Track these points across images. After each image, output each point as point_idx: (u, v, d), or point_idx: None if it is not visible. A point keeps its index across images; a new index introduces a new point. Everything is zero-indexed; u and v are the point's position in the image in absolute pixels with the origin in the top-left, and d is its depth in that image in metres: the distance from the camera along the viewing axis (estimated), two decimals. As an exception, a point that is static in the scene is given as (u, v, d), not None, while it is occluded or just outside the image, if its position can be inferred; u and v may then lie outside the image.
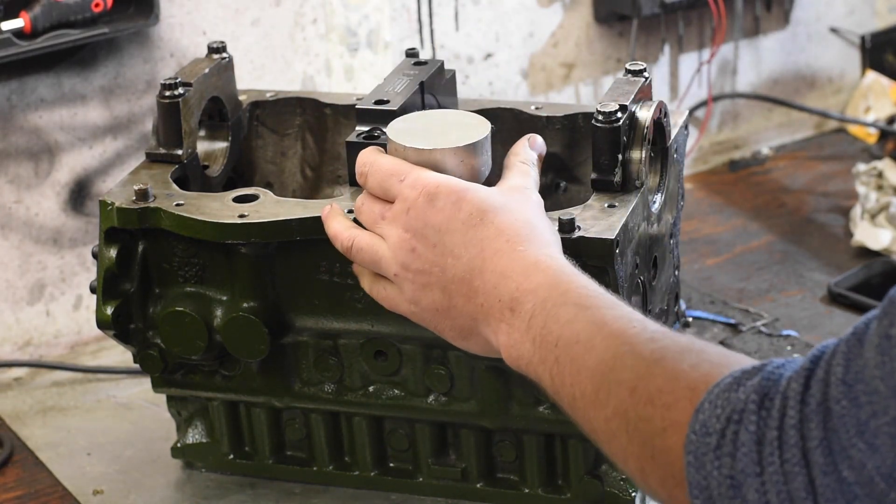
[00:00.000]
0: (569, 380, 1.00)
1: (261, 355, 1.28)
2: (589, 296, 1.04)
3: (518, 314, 1.06)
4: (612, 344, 0.98)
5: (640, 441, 0.93)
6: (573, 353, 1.00)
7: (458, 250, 1.10)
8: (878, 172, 1.84)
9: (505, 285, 1.07)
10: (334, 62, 1.77)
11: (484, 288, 1.09)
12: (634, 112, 1.24)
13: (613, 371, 0.96)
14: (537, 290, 1.05)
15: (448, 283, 1.11)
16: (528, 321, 1.05)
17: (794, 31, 2.13)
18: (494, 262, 1.08)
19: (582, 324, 1.01)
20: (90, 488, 1.39)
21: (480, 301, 1.09)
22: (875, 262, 1.75)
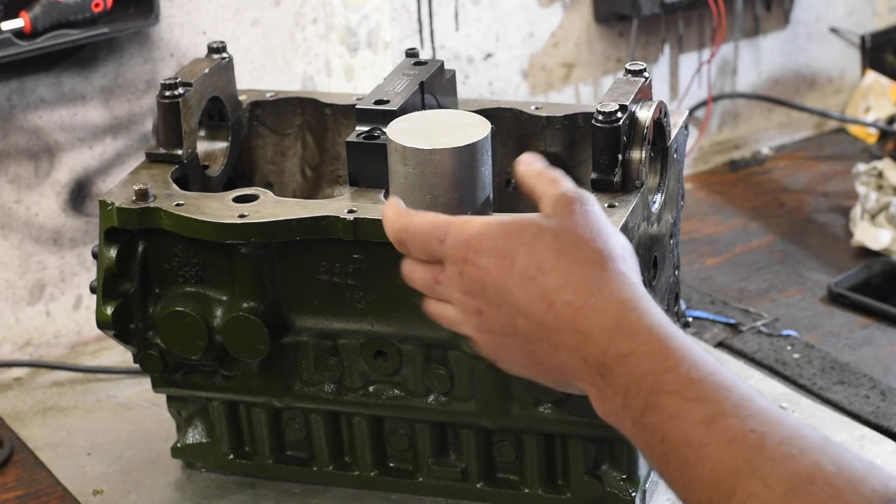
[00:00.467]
0: (680, 483, 0.89)
1: (261, 355, 1.28)
2: (691, 380, 0.90)
3: (610, 384, 0.94)
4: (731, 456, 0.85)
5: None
6: (683, 457, 0.88)
7: (525, 307, 0.98)
8: (878, 172, 1.84)
9: (588, 348, 0.95)
10: (334, 62, 1.77)
11: (565, 346, 0.97)
12: (634, 112, 1.24)
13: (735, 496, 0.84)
14: (627, 361, 0.93)
15: (525, 343, 1.00)
16: (624, 398, 0.93)
17: (794, 31, 2.13)
18: (567, 319, 0.96)
19: (689, 423, 0.88)
20: (90, 488, 1.39)
21: (563, 358, 0.98)
22: (875, 262, 1.75)
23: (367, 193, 1.25)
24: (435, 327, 1.23)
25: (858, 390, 1.50)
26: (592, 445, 1.28)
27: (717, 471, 0.85)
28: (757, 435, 0.85)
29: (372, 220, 1.21)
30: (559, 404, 1.26)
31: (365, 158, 1.26)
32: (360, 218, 1.22)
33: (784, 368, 1.54)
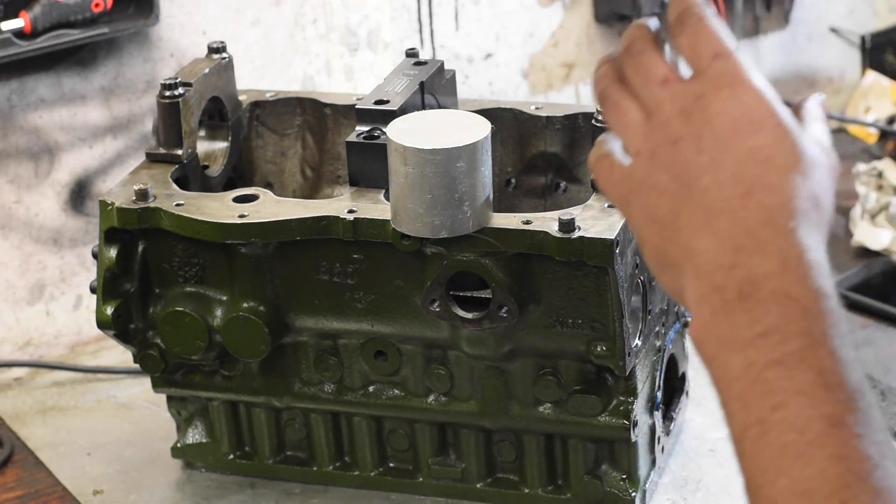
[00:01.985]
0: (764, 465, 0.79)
1: (261, 355, 1.28)
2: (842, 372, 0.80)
3: (748, 311, 0.82)
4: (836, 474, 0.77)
5: None
6: (786, 441, 0.78)
7: (724, 175, 0.85)
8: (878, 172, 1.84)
9: (750, 258, 0.83)
10: (334, 62, 1.77)
11: (723, 235, 0.84)
12: (634, 112, 1.23)
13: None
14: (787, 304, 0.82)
15: (687, 201, 0.86)
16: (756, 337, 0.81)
17: (794, 31, 2.13)
18: (754, 219, 0.84)
19: (816, 412, 0.78)
20: (90, 488, 1.39)
21: (709, 246, 0.85)
22: (875, 262, 1.75)
23: (367, 193, 1.25)
24: (435, 327, 1.24)
25: (858, 390, 1.50)
26: (592, 445, 1.28)
27: (814, 481, 0.77)
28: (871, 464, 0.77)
29: (372, 220, 1.21)
30: (559, 404, 1.26)
31: (365, 158, 1.26)
32: (360, 218, 1.22)
33: (784, 368, 1.54)
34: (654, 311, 1.30)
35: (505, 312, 1.20)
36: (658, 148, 0.88)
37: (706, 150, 0.86)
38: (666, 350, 1.34)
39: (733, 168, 0.85)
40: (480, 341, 1.23)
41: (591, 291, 1.20)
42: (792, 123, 0.89)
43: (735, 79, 0.88)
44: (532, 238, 1.18)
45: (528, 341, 1.23)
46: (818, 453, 0.77)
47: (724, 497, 1.33)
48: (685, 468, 1.37)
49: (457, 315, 1.21)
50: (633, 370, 1.24)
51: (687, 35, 0.92)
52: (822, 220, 0.88)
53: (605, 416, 1.25)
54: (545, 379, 1.25)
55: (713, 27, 0.90)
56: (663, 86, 0.90)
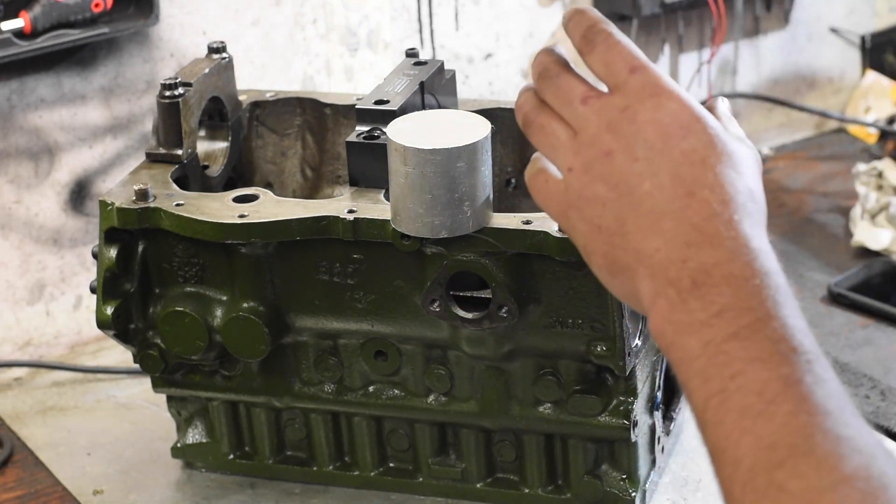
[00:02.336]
0: (728, 429, 0.83)
1: (261, 355, 1.28)
2: (793, 337, 0.85)
3: (700, 296, 0.87)
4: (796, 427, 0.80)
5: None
6: (746, 403, 0.82)
7: (663, 179, 0.91)
8: (878, 172, 1.84)
9: (700, 250, 0.88)
10: (334, 62, 1.77)
11: (672, 234, 0.90)
12: (634, 112, 1.23)
13: (781, 468, 0.79)
14: (738, 285, 0.87)
15: (630, 208, 0.92)
16: (711, 317, 0.86)
17: (794, 31, 2.13)
18: (699, 216, 0.89)
19: (772, 374, 0.82)
20: (90, 488, 1.39)
21: (658, 245, 0.90)
22: (875, 262, 1.75)
23: (367, 193, 1.25)
24: (435, 327, 1.24)
25: (858, 390, 1.50)
26: (592, 445, 1.28)
27: (777, 435, 0.80)
28: (832, 420, 0.80)
29: (372, 220, 1.21)
30: (559, 404, 1.26)
31: (365, 158, 1.26)
32: (360, 218, 1.22)
33: (784, 368, 1.54)
34: (654, 311, 1.30)
35: (505, 312, 1.20)
36: (591, 161, 0.93)
37: (641, 157, 0.91)
38: (666, 350, 1.34)
39: (671, 171, 0.91)
40: (480, 341, 1.24)
41: (591, 291, 1.20)
42: (717, 124, 0.94)
43: (657, 88, 0.93)
44: (532, 238, 1.18)
45: (528, 341, 1.23)
46: (778, 409, 0.81)
47: (724, 497, 1.33)
48: (685, 468, 1.37)
49: (457, 315, 1.21)
50: (633, 370, 1.24)
51: (598, 53, 0.96)
52: (759, 211, 0.93)
53: (605, 416, 1.25)
54: (545, 379, 1.25)
55: (623, 42, 0.95)
56: (585, 103, 0.95)
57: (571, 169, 0.95)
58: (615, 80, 0.94)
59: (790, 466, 0.79)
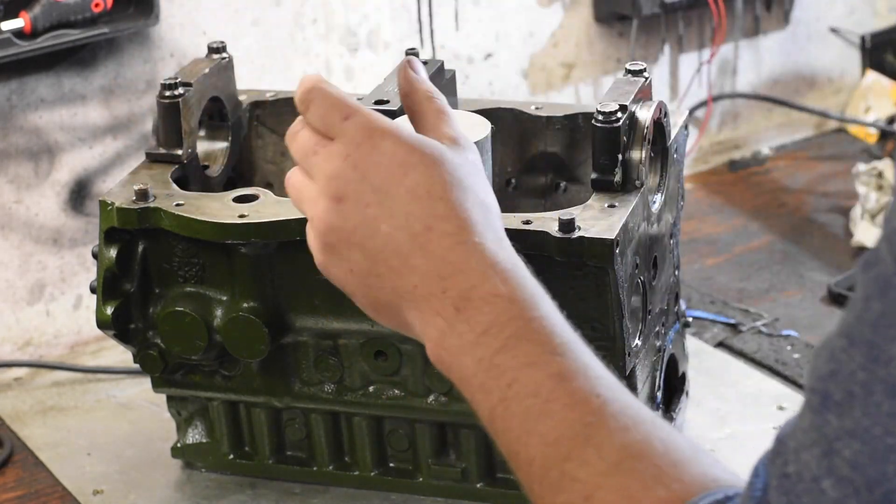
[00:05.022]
0: (515, 433, 0.89)
1: (261, 355, 1.28)
2: (553, 334, 0.91)
3: (465, 319, 0.93)
4: (574, 418, 0.86)
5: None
6: (526, 406, 0.88)
7: (399, 220, 0.95)
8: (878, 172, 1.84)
9: (455, 280, 0.94)
10: (334, 62, 1.77)
11: (424, 270, 0.95)
12: (634, 112, 1.24)
13: (569, 460, 0.85)
14: (496, 302, 0.92)
15: (376, 251, 0.96)
16: (479, 336, 0.92)
17: (794, 31, 2.13)
18: (443, 247, 0.94)
19: (543, 375, 0.89)
20: (90, 488, 1.39)
21: (415, 282, 0.95)
22: (875, 262, 1.74)
23: (367, 193, 1.25)
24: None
25: (858, 390, 1.50)
26: (592, 445, 1.28)
27: (559, 430, 0.86)
28: (601, 400, 0.86)
29: (372, 220, 1.21)
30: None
31: (365, 158, 1.26)
32: (360, 218, 1.22)
33: (784, 368, 1.54)
34: (654, 311, 1.30)
35: (505, 312, 1.20)
36: (327, 210, 0.98)
37: (372, 202, 0.96)
38: (666, 350, 1.34)
39: (403, 210, 0.95)
40: (480, 341, 1.23)
41: (591, 291, 1.20)
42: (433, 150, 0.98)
43: (370, 130, 0.97)
44: (532, 238, 1.18)
45: (528, 341, 1.23)
46: (555, 406, 0.87)
47: (724, 497, 1.33)
48: (685, 468, 1.37)
49: (457, 315, 1.21)
50: (633, 370, 1.24)
51: (314, 109, 1.00)
52: (494, 216, 0.98)
53: (605, 416, 1.25)
54: (545, 379, 1.25)
55: (335, 94, 1.00)
56: (315, 154, 0.99)
57: (312, 218, 0.99)
58: (332, 130, 0.99)
59: (576, 456, 0.84)
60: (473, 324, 0.92)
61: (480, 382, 0.92)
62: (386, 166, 0.96)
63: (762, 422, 1.44)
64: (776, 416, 1.45)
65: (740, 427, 1.43)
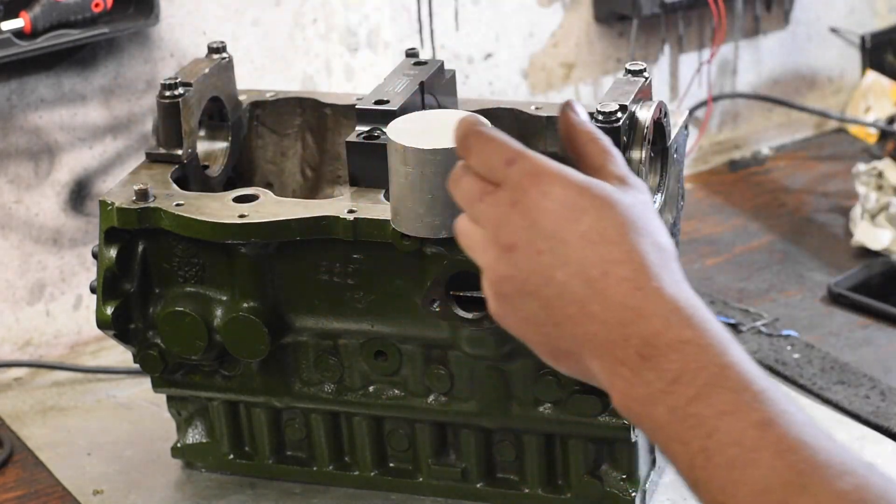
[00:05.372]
0: (719, 483, 0.85)
1: (261, 355, 1.28)
2: (749, 381, 0.87)
3: (652, 367, 0.89)
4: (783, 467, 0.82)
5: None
6: (730, 456, 0.84)
7: (574, 267, 0.91)
8: (878, 172, 1.84)
9: (637, 326, 0.90)
10: (334, 62, 1.77)
11: (603, 317, 0.91)
12: (634, 112, 1.24)
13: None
14: (683, 348, 0.88)
15: (552, 300, 0.93)
16: (671, 384, 0.88)
17: (794, 31, 2.13)
18: (621, 293, 0.90)
19: (744, 424, 0.85)
20: (90, 488, 1.39)
21: (595, 330, 0.91)
22: (875, 262, 1.75)
23: (367, 193, 1.25)
24: (435, 327, 1.24)
25: (858, 390, 1.50)
26: (592, 445, 1.28)
27: (768, 479, 0.82)
28: (809, 449, 0.83)
29: (372, 220, 1.21)
30: (559, 404, 1.26)
31: (365, 158, 1.26)
32: (360, 218, 1.22)
33: (784, 368, 1.54)
34: (654, 311, 1.30)
35: (505, 312, 1.20)
36: (498, 258, 0.94)
37: (544, 249, 0.92)
38: (666, 350, 1.34)
39: (577, 257, 0.91)
40: (480, 341, 1.24)
41: (591, 291, 1.19)
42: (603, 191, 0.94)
43: (536, 175, 0.94)
44: (532, 238, 1.18)
45: (528, 341, 1.23)
46: (762, 455, 0.83)
47: (724, 497, 1.33)
48: (685, 468, 1.37)
49: (457, 315, 1.21)
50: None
51: (475, 154, 0.97)
52: (671, 258, 0.94)
53: (606, 416, 1.25)
54: (545, 379, 1.25)
55: (496, 137, 0.96)
56: (482, 200, 0.95)
57: (484, 267, 0.96)
58: (496, 175, 0.95)
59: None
60: (662, 372, 0.88)
61: (676, 433, 0.88)
62: (556, 212, 0.92)
63: (762, 422, 1.44)
64: (776, 416, 1.45)
65: (740, 427, 1.43)
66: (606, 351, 0.91)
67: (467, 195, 0.97)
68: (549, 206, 0.92)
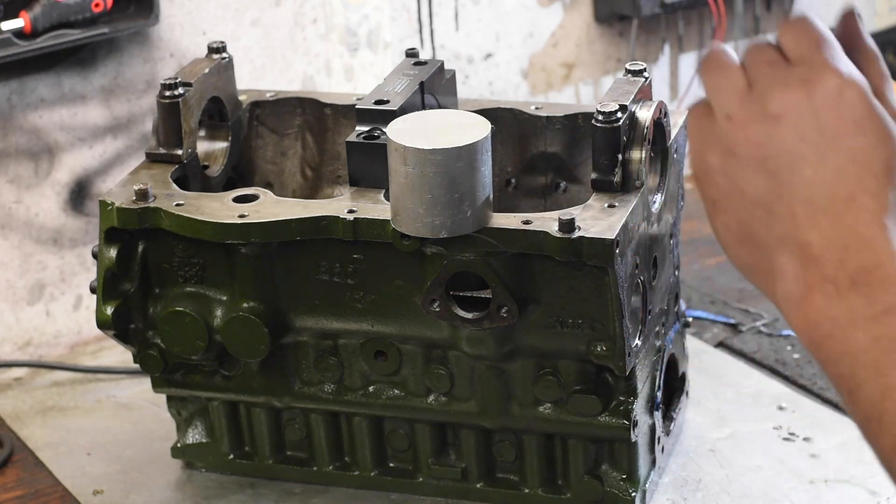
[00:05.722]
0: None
1: (261, 355, 1.28)
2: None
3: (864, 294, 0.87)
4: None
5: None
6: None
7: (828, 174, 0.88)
8: (878, 172, 1.84)
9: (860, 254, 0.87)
10: (334, 62, 1.77)
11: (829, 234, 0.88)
12: (634, 112, 1.24)
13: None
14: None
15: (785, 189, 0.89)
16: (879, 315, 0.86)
17: (794, 31, 2.13)
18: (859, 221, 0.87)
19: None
20: (90, 488, 1.39)
21: (812, 239, 0.88)
22: (875, 262, 1.74)
23: (367, 193, 1.25)
24: (435, 327, 1.24)
25: (858, 390, 1.50)
26: (592, 445, 1.28)
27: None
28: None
29: (372, 220, 1.21)
30: (559, 404, 1.26)
31: (365, 158, 1.26)
32: (360, 218, 1.22)
33: (784, 368, 1.54)
34: (654, 311, 1.30)
35: (505, 312, 1.20)
36: (755, 118, 0.90)
37: (809, 139, 0.88)
38: (666, 350, 1.34)
39: (837, 167, 0.88)
40: (480, 341, 1.24)
41: (591, 291, 1.20)
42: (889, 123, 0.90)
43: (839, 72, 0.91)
44: (532, 238, 1.18)
45: (528, 341, 1.23)
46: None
47: (723, 497, 1.33)
48: (685, 468, 1.37)
49: (457, 315, 1.21)
50: (633, 370, 1.24)
51: (793, 29, 0.94)
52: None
53: (605, 416, 1.25)
54: (545, 379, 1.25)
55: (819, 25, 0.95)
56: (770, 65, 0.91)
57: (731, 117, 0.91)
58: (801, 52, 0.92)
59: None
60: (873, 300, 0.86)
61: (874, 360, 0.86)
62: (842, 115, 0.89)
63: (762, 422, 1.44)
64: (776, 415, 1.45)
65: (740, 427, 1.43)
66: (815, 263, 0.88)
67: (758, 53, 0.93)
68: (838, 106, 0.89)
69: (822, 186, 0.88)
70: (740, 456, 1.39)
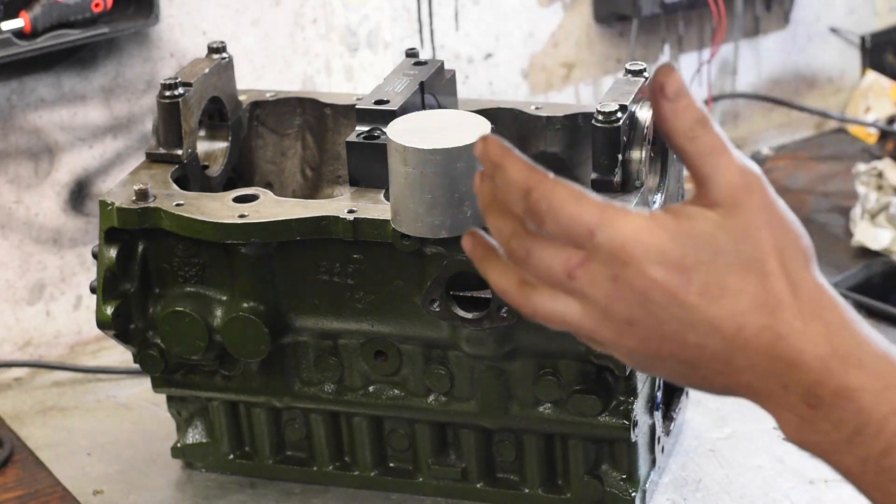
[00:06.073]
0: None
1: (261, 355, 1.28)
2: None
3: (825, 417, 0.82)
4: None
5: None
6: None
7: (704, 328, 0.82)
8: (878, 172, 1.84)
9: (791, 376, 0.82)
10: (334, 62, 1.77)
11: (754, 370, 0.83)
12: (634, 112, 1.24)
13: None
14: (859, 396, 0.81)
15: (693, 359, 0.84)
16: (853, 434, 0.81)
17: (794, 31, 2.13)
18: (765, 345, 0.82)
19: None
20: (90, 488, 1.39)
21: (748, 380, 0.84)
22: (875, 262, 1.75)
23: (367, 193, 1.25)
24: (435, 327, 1.24)
25: (858, 390, 1.49)
26: (592, 445, 1.28)
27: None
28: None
29: (372, 220, 1.21)
30: (559, 404, 1.26)
31: (365, 158, 1.26)
32: (360, 218, 1.22)
33: (784, 368, 1.54)
34: (654, 311, 1.30)
35: (505, 312, 1.20)
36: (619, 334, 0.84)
37: (666, 319, 0.83)
38: (666, 350, 1.34)
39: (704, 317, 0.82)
40: (480, 341, 1.24)
41: (591, 291, 1.19)
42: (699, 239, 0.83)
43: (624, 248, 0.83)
44: (532, 238, 1.18)
45: (528, 341, 1.23)
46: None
47: (723, 497, 1.33)
48: (685, 468, 1.37)
49: (457, 315, 1.21)
50: (633, 370, 1.24)
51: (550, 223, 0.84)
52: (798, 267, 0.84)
53: (605, 416, 1.25)
54: (545, 379, 1.25)
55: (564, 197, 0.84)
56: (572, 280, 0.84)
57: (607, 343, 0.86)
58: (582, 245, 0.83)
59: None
60: (838, 423, 0.81)
61: (873, 481, 0.82)
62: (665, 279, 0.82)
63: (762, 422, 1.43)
64: (776, 416, 1.45)
65: (740, 427, 1.43)
66: (768, 398, 0.84)
67: (551, 274, 0.84)
68: (656, 276, 0.82)
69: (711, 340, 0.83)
70: (740, 456, 1.39)
